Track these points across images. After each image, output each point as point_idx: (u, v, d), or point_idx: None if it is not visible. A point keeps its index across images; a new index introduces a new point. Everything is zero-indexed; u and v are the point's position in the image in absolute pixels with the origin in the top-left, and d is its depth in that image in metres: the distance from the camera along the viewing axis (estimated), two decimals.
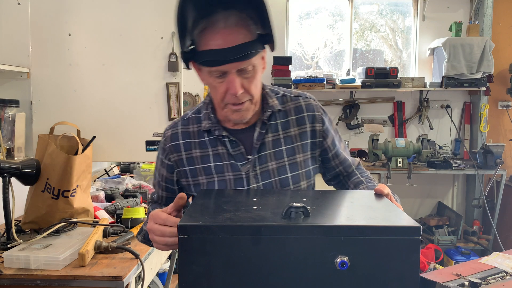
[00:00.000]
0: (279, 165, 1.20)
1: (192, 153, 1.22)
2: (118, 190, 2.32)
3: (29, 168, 1.73)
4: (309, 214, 0.87)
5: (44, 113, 2.00)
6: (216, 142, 1.21)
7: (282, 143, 1.22)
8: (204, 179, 1.20)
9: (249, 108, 1.14)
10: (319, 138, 1.25)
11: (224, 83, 1.08)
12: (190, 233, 0.82)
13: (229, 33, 1.04)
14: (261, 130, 1.20)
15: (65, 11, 1.97)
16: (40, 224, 1.76)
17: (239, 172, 1.19)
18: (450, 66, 4.14)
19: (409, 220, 0.85)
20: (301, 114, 1.24)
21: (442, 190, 4.64)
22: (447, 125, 4.56)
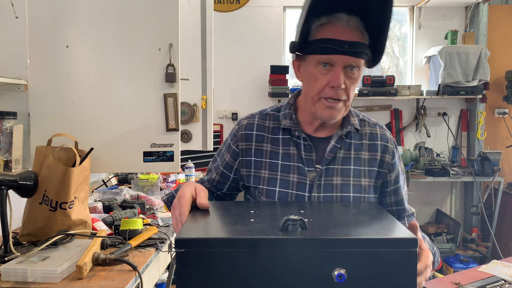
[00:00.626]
0: (344, 182, 1.22)
1: (262, 146, 1.25)
2: (116, 201, 2.31)
3: (26, 180, 1.72)
4: (306, 226, 0.87)
5: (42, 125, 2.00)
6: (289, 142, 1.24)
7: (352, 163, 1.24)
8: (267, 174, 1.23)
9: (341, 109, 1.18)
10: (385, 170, 1.27)
11: (327, 75, 1.12)
12: (187, 247, 0.82)
13: (348, 31, 1.11)
14: (336, 143, 1.23)
15: (63, 23, 1.98)
16: (37, 236, 1.75)
17: (305, 177, 1.21)
18: (447, 74, 4.17)
19: (405, 232, 0.86)
20: (375, 141, 1.27)
21: (440, 197, 4.65)
22: (444, 133, 4.58)
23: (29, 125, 2.01)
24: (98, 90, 2.01)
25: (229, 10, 4.50)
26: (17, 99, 1.98)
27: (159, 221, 2.16)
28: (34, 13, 1.97)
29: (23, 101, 1.99)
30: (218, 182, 1.33)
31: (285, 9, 4.60)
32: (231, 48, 4.49)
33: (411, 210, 1.37)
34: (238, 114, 4.53)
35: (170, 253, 2.03)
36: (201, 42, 3.17)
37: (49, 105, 2.00)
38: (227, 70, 4.46)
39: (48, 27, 1.98)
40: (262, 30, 4.52)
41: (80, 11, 1.99)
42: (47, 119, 2.00)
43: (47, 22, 1.98)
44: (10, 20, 1.84)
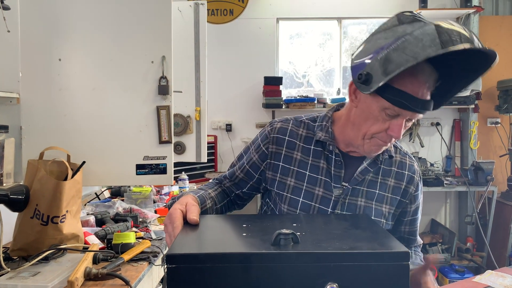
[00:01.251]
0: (367, 205, 1.22)
1: (293, 153, 1.24)
2: (109, 214, 2.29)
3: (17, 194, 1.71)
4: (299, 240, 0.87)
5: (34, 138, 1.99)
6: (320, 154, 1.23)
7: (377, 187, 1.24)
8: (293, 182, 1.22)
9: (387, 146, 1.18)
10: (406, 200, 1.28)
11: (388, 122, 1.11)
12: (178, 263, 0.81)
13: (427, 88, 1.07)
14: (368, 166, 1.23)
15: (55, 36, 1.98)
16: (28, 251, 1.73)
17: (331, 192, 1.21)
18: None
19: (398, 245, 0.85)
20: (403, 170, 1.27)
21: (434, 207, 4.65)
22: (437, 143, 4.60)
23: (21, 138, 1.99)
24: (91, 103, 2.00)
25: (222, 22, 4.53)
26: (9, 112, 1.97)
27: (152, 234, 2.14)
28: (26, 26, 1.97)
29: (15, 115, 1.98)
30: (241, 180, 1.31)
31: (278, 21, 4.63)
32: (225, 59, 4.51)
33: (419, 241, 1.39)
34: (232, 125, 4.53)
35: (163, 267, 2.01)
36: (195, 54, 3.18)
37: (41, 118, 1.99)
38: (221, 82, 4.48)
39: (40, 40, 1.98)
40: (255, 41, 4.55)
41: (72, 25, 1.99)
42: (39, 132, 1.99)
43: (39, 35, 1.98)
44: (2, 33, 1.83)
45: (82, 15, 2.00)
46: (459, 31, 0.97)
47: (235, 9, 4.54)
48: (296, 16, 4.60)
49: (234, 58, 4.54)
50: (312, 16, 4.63)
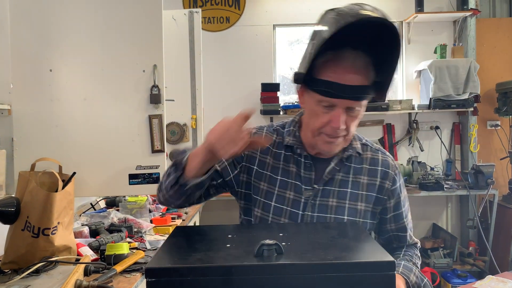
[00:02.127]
0: (339, 205, 1.21)
1: (266, 158, 1.26)
2: (103, 224, 2.27)
3: (8, 206, 1.69)
4: (283, 251, 0.85)
5: (26, 150, 1.98)
6: (290, 159, 1.25)
7: (349, 186, 1.23)
8: (265, 186, 1.24)
9: (339, 143, 1.19)
10: (384, 196, 1.26)
11: (328, 114, 1.12)
12: (158, 276, 0.79)
13: (353, 72, 1.09)
14: (336, 166, 1.23)
15: (46, 47, 1.98)
16: (20, 264, 1.71)
17: (300, 195, 1.21)
18: (437, 87, 4.18)
19: (383, 255, 0.83)
20: (375, 166, 1.26)
21: (436, 211, 4.61)
22: (437, 146, 4.57)
23: (13, 150, 1.98)
24: (82, 113, 1.99)
25: (219, 30, 4.53)
26: (0, 124, 1.97)
27: (147, 245, 2.12)
28: (17, 37, 1.97)
29: (7, 126, 1.97)
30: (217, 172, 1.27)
31: (275, 28, 4.62)
32: (221, 67, 4.51)
33: (414, 240, 1.35)
34: None
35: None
36: (190, 62, 3.18)
37: (33, 130, 1.98)
38: (218, 89, 4.46)
39: (31, 51, 1.98)
40: (252, 48, 4.55)
41: (63, 35, 1.99)
42: (30, 143, 1.98)
43: (30, 46, 1.98)
44: None
45: (72, 26, 1.99)
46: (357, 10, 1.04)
47: (231, 16, 4.54)
48: (292, 22, 4.60)
49: (231, 65, 4.53)
50: (309, 22, 4.62)
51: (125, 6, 2.00)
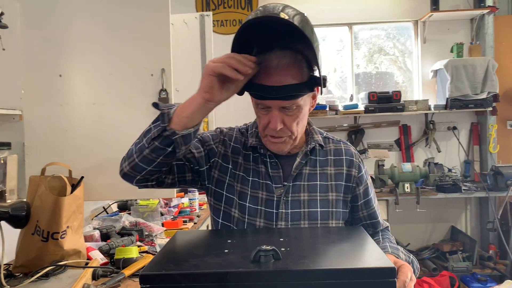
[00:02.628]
0: (311, 198, 1.23)
1: (238, 159, 1.27)
2: (114, 228, 2.28)
3: (18, 211, 1.71)
4: (280, 257, 0.83)
5: (37, 154, 2.00)
6: (258, 159, 1.27)
7: (318, 179, 1.26)
8: (239, 187, 1.24)
9: (287, 142, 1.20)
10: (352, 184, 1.28)
11: (267, 116, 1.15)
12: (152, 283, 0.78)
13: (278, 73, 1.10)
14: (301, 160, 1.25)
15: (55, 53, 2.00)
16: (30, 267, 1.73)
17: (272, 194, 1.22)
18: (454, 87, 4.10)
19: (384, 261, 0.80)
20: (340, 156, 1.30)
21: (454, 214, 4.51)
22: (455, 147, 4.48)
23: (24, 155, 2.01)
24: (91, 118, 2.01)
25: (231, 33, 4.53)
26: (12, 129, 1.99)
27: (157, 248, 2.12)
28: (27, 44, 1.99)
29: (18, 131, 2.00)
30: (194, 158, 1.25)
31: None
32: None
33: (385, 224, 1.37)
34: None
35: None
36: (201, 65, 3.18)
37: (43, 134, 2.00)
38: None
39: (41, 57, 2.00)
40: None
41: (72, 40, 2.01)
42: (41, 148, 2.00)
43: (40, 53, 2.00)
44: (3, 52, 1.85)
45: (81, 32, 2.01)
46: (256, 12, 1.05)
47: (244, 19, 4.53)
48: None
49: None
50: (322, 23, 4.59)
51: (133, 11, 2.01)
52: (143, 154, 1.10)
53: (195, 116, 1.07)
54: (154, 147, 1.08)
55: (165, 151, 1.08)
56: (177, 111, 1.08)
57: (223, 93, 1.07)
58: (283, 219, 1.19)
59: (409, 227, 4.42)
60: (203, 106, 1.06)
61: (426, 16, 4.30)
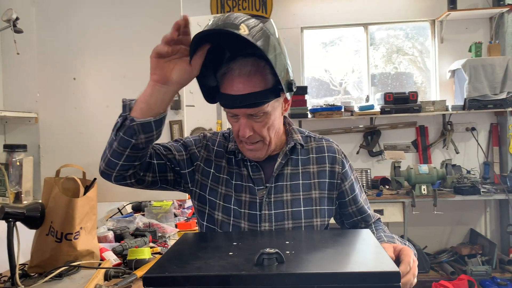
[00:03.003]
0: (293, 198, 1.24)
1: (221, 163, 1.29)
2: (128, 229, 2.30)
3: (33, 212, 1.74)
4: (284, 260, 0.82)
5: (52, 156, 2.04)
6: (240, 163, 1.28)
7: (300, 178, 1.26)
8: (224, 190, 1.26)
9: (261, 148, 1.21)
10: (337, 180, 1.28)
11: (237, 123, 1.17)
12: (155, 285, 0.79)
13: (241, 82, 1.10)
14: (282, 161, 1.26)
15: (69, 56, 2.03)
16: (45, 268, 1.76)
17: (255, 196, 1.24)
18: (472, 87, 4.02)
19: (389, 265, 0.79)
20: (322, 154, 1.30)
21: (473, 216, 4.43)
22: (474, 149, 4.39)
23: (39, 157, 2.04)
24: (105, 120, 2.01)
25: None
26: (28, 132, 2.04)
27: None
28: (42, 48, 2.03)
29: (34, 134, 2.04)
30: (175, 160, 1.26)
31: (303, 30, 4.59)
32: None
33: (376, 216, 1.37)
34: None
35: None
36: None
37: (58, 137, 2.03)
38: None
39: (56, 61, 2.03)
40: None
41: (86, 44, 2.03)
42: (56, 150, 2.04)
43: (55, 56, 2.03)
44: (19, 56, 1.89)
45: (94, 35, 2.04)
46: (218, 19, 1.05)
47: None
48: (320, 24, 4.55)
49: None
50: (337, 24, 4.57)
51: (145, 15, 2.02)
52: (113, 147, 1.11)
53: (151, 100, 1.07)
54: (120, 139, 1.09)
55: (130, 143, 1.08)
56: (136, 100, 1.09)
57: (173, 74, 1.07)
58: (266, 220, 1.21)
59: (426, 230, 4.35)
60: (155, 89, 1.07)
61: (444, 15, 4.23)
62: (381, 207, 3.75)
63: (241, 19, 1.03)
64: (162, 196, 2.17)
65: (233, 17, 1.03)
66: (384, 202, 3.78)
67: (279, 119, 1.21)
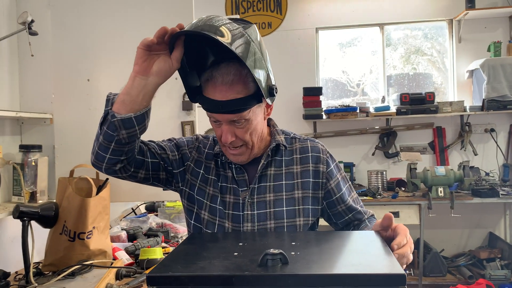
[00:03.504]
0: (276, 198, 1.25)
1: (210, 164, 1.31)
2: (141, 229, 2.33)
3: (47, 211, 1.77)
4: (288, 261, 0.81)
5: (66, 157, 2.07)
6: (225, 165, 1.30)
7: (283, 178, 1.27)
8: (211, 191, 1.28)
9: (244, 153, 1.23)
10: (322, 179, 1.28)
11: (219, 128, 1.18)
12: (159, 284, 0.79)
13: (223, 89, 1.11)
14: (264, 162, 1.27)
15: (83, 58, 2.06)
16: (58, 266, 1.78)
17: (238, 197, 1.26)
18: (490, 88, 3.94)
19: (394, 267, 0.78)
20: (305, 154, 1.31)
21: (492, 219, 4.33)
22: (493, 150, 4.30)
23: (54, 157, 2.07)
24: None
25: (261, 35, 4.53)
26: (43, 132, 2.07)
27: None
28: (57, 50, 2.06)
29: (49, 134, 2.07)
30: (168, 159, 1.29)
31: (318, 31, 4.57)
32: None
33: (369, 212, 1.36)
34: None
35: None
36: None
37: (72, 137, 2.07)
38: None
39: (70, 63, 2.07)
40: (295, 52, 4.51)
41: (99, 46, 2.06)
42: (71, 150, 2.07)
43: (69, 58, 2.07)
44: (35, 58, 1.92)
45: (108, 37, 2.06)
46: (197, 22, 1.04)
47: (273, 21, 4.54)
48: (335, 24, 4.52)
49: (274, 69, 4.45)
50: (353, 24, 4.53)
51: (157, 17, 2.04)
52: (99, 141, 1.13)
53: (133, 92, 1.08)
54: (104, 133, 1.10)
55: (113, 137, 1.09)
56: (122, 92, 1.11)
57: (154, 66, 1.08)
58: (249, 220, 1.22)
59: (443, 233, 4.27)
60: (136, 80, 1.08)
61: (461, 14, 4.16)
62: (396, 209, 3.70)
63: (221, 23, 1.04)
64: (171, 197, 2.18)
65: (215, 20, 1.04)
66: (400, 205, 3.73)
67: (261, 124, 1.22)
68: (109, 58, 2.06)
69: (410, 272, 3.94)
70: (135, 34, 2.06)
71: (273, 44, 4.51)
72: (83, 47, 2.06)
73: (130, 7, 2.07)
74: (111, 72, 2.06)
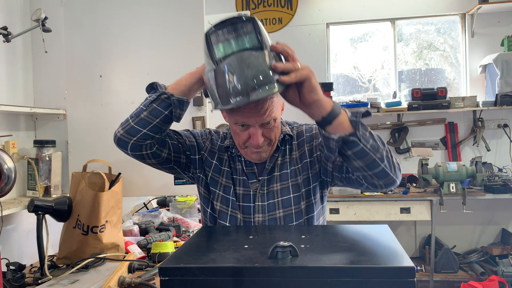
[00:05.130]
0: (283, 187, 1.29)
1: (223, 156, 1.35)
2: (153, 224, 2.35)
3: (61, 205, 1.80)
4: (298, 253, 0.82)
5: (79, 152, 2.10)
6: (236, 158, 1.34)
7: (288, 166, 1.31)
8: (224, 181, 1.32)
9: (267, 150, 1.26)
10: (316, 153, 1.30)
11: (246, 132, 1.20)
12: (171, 275, 0.81)
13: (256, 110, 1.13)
14: (274, 154, 1.30)
15: (96, 54, 2.09)
16: (72, 259, 1.82)
17: (248, 188, 1.30)
18: (504, 82, 3.89)
19: (403, 260, 0.78)
20: (301, 137, 1.35)
21: (505, 216, 4.28)
22: (506, 146, 4.25)
23: (68, 152, 2.10)
24: None
25: (272, 31, 4.53)
26: (57, 128, 2.10)
27: None
28: (70, 46, 2.09)
29: (62, 130, 2.10)
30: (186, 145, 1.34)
31: (328, 26, 4.55)
32: None
33: None
34: None
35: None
36: None
37: (86, 133, 2.10)
38: None
39: (83, 59, 2.09)
40: (305, 48, 4.50)
41: (111, 42, 2.09)
42: (83, 146, 2.10)
43: (82, 54, 2.09)
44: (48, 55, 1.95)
45: (120, 34, 2.09)
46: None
47: (284, 17, 4.53)
48: (346, 19, 4.50)
49: None
50: (364, 19, 4.50)
51: (169, 14, 2.06)
52: (140, 116, 1.19)
53: (193, 87, 1.19)
54: (152, 109, 1.18)
55: (162, 113, 1.17)
56: (173, 84, 1.20)
57: None
58: (259, 211, 1.26)
59: (455, 229, 4.24)
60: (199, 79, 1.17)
61: (474, 8, 4.11)
62: (408, 205, 3.69)
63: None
64: (182, 192, 2.20)
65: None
66: (411, 200, 3.71)
67: (279, 119, 1.26)
68: (121, 54, 2.08)
69: (422, 268, 3.92)
70: (146, 31, 2.09)
71: (284, 40, 4.41)
72: (95, 44, 2.09)
73: (141, 4, 2.09)
74: (123, 68, 2.09)
